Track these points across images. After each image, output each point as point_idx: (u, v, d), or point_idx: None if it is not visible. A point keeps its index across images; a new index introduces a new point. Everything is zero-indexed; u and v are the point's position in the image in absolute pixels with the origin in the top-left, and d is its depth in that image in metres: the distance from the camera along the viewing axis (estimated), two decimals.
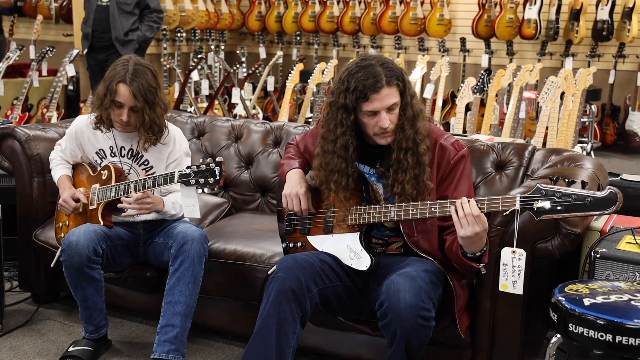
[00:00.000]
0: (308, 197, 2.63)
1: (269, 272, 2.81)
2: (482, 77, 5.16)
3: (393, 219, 2.45)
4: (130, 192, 2.83)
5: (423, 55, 7.27)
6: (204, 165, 2.67)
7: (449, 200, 2.33)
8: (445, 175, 2.48)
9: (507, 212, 2.22)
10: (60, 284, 3.24)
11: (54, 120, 6.04)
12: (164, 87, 3.05)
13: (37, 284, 3.41)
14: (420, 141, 2.42)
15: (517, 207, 2.18)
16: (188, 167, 2.69)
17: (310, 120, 5.77)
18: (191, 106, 6.41)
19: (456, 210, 2.26)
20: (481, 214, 2.24)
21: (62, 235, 3.03)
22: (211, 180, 2.65)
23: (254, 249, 2.97)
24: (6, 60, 5.88)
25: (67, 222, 3.06)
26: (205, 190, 2.68)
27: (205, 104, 6.71)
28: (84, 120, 3.08)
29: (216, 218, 3.41)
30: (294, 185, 2.63)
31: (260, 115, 7.14)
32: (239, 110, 6.59)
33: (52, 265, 3.06)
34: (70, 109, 6.92)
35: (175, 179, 2.71)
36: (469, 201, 2.25)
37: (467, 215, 2.23)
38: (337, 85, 2.42)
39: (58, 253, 3.02)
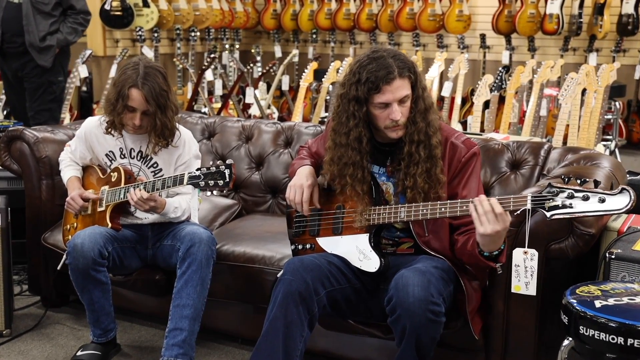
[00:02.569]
0: (312, 192, 2.63)
1: (278, 275, 2.81)
2: (500, 74, 5.14)
3: (403, 220, 2.46)
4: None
5: (442, 52, 7.27)
6: (213, 168, 2.70)
7: (459, 200, 2.33)
8: (456, 173, 2.49)
9: (519, 212, 2.22)
10: (69, 287, 3.25)
11: (66, 122, 6.10)
12: (175, 88, 3.08)
13: (46, 288, 3.46)
14: (433, 134, 2.44)
15: (528, 206, 2.18)
16: (198, 169, 2.72)
17: (325, 119, 5.79)
18: (205, 107, 6.46)
19: (475, 208, 2.23)
20: (504, 212, 2.22)
21: (70, 237, 3.05)
22: (221, 182, 2.68)
23: (263, 251, 2.99)
24: None
25: (75, 224, 3.10)
26: (215, 192, 2.71)
27: (219, 104, 6.75)
28: (93, 122, 3.12)
29: (226, 220, 3.44)
30: (301, 178, 2.65)
31: (276, 115, 7.17)
32: (254, 110, 6.63)
33: (58, 268, 3.09)
34: (83, 110, 7.00)
35: (185, 181, 2.74)
36: (489, 199, 2.23)
37: (487, 213, 2.21)
38: (348, 77, 2.44)
39: (64, 256, 3.04)
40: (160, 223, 3.05)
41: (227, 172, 2.69)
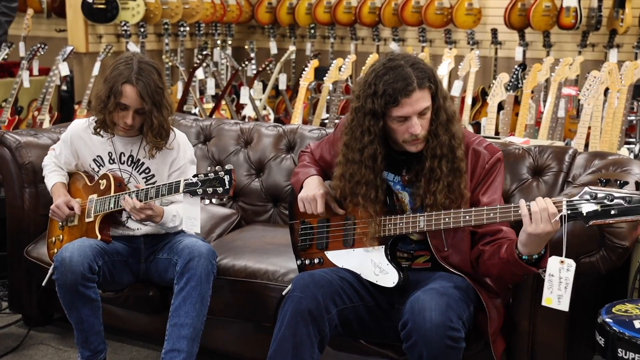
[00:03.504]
0: (326, 199, 2.63)
1: (284, 293, 2.81)
2: (516, 72, 5.13)
3: (423, 230, 2.45)
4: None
5: (450, 48, 7.25)
6: (212, 174, 2.69)
7: (485, 207, 2.32)
8: (479, 181, 2.49)
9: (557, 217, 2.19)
10: (53, 304, 3.25)
11: (46, 124, 6.08)
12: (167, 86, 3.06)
13: (28, 305, 3.43)
14: (457, 146, 2.44)
15: (564, 212, 2.16)
16: (195, 176, 2.71)
17: (326, 121, 5.78)
18: (196, 107, 6.44)
19: (527, 205, 2.21)
20: (557, 214, 2.18)
21: (55, 250, 3.05)
22: (220, 189, 2.67)
23: (266, 265, 2.99)
24: None
25: (61, 236, 3.08)
26: (214, 200, 2.70)
27: (210, 105, 6.73)
28: (80, 125, 3.11)
29: (224, 231, 3.43)
30: (311, 189, 2.64)
31: (272, 117, 7.16)
32: (248, 111, 6.61)
33: (43, 283, 3.07)
34: (64, 112, 6.96)
35: (181, 189, 2.72)
36: (544, 198, 2.21)
37: (542, 210, 2.18)
38: (363, 88, 2.43)
39: (50, 270, 3.03)
40: (153, 234, 3.05)
41: (226, 178, 2.68)
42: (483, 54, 7.52)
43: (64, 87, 7.19)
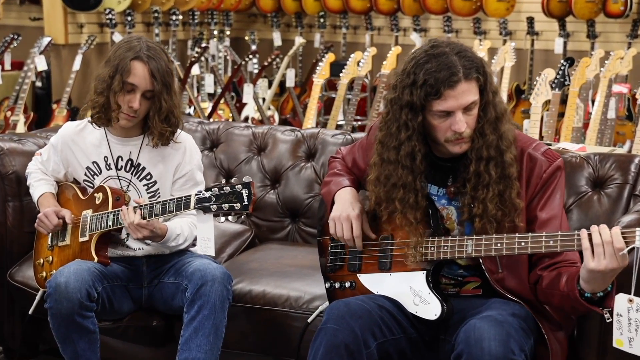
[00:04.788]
0: (362, 221, 2.61)
1: (309, 320, 2.82)
2: (562, 67, 5.13)
3: (470, 255, 2.43)
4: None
5: (480, 40, 7.26)
6: (227, 187, 2.67)
7: (544, 234, 2.29)
8: (536, 192, 2.47)
9: (625, 251, 2.17)
10: (40, 335, 3.25)
11: (20, 126, 6.09)
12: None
13: (11, 336, 3.41)
14: (506, 148, 2.41)
15: (638, 244, 2.13)
16: (208, 190, 2.69)
17: (341, 123, 5.78)
18: (190, 106, 6.44)
19: (589, 236, 2.18)
20: (625, 248, 2.16)
21: (44, 274, 3.04)
22: (237, 206, 2.65)
23: (287, 291, 2.99)
24: None
25: (50, 257, 3.07)
26: (230, 218, 2.68)
27: (207, 104, 6.73)
28: (73, 128, 3.10)
29: (236, 251, 3.43)
30: (345, 206, 2.62)
31: (277, 117, 7.16)
32: (249, 111, 6.62)
33: (30, 312, 3.07)
34: (40, 112, 6.97)
35: (192, 205, 2.70)
36: (610, 228, 2.17)
37: (606, 244, 2.16)
38: (401, 78, 2.42)
39: (38, 297, 3.04)
40: (157, 255, 3.04)
41: (244, 192, 2.66)
42: (517, 46, 7.52)
43: (39, 84, 7.19)
